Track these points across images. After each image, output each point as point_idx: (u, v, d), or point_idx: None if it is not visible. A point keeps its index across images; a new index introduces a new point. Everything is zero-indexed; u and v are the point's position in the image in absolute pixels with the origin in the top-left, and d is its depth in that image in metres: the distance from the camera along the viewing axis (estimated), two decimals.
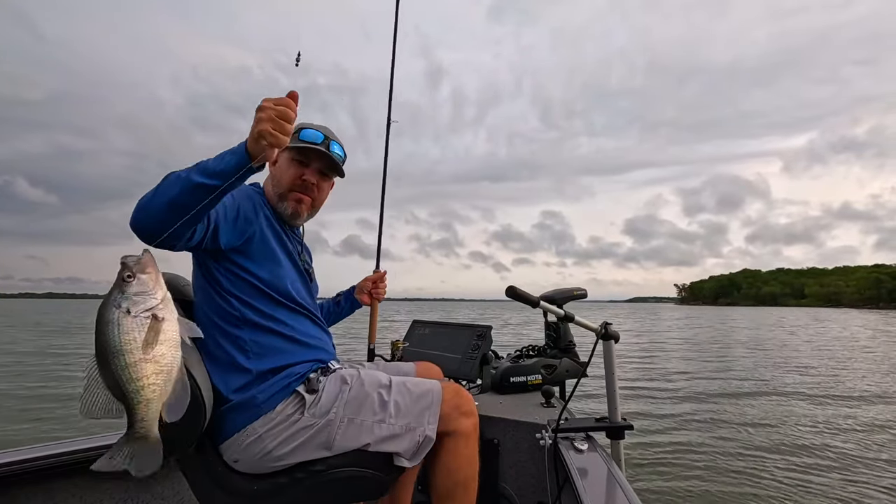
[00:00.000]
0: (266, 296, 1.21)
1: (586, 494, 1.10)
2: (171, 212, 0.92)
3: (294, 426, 1.11)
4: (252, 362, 1.15)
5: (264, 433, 1.10)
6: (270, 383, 1.14)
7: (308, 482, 1.10)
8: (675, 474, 3.75)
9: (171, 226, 0.93)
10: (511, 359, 2.15)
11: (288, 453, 1.10)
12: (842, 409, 6.07)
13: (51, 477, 1.39)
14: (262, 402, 1.12)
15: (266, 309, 1.21)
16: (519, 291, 1.50)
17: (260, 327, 1.19)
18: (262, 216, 1.25)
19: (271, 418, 1.11)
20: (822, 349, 14.14)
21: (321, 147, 1.31)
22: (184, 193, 0.91)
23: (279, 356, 1.18)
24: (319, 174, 1.34)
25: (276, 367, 1.16)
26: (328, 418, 1.12)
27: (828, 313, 70.06)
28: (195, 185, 0.91)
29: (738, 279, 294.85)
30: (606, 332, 1.45)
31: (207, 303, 1.19)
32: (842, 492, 3.43)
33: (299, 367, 1.19)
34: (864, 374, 9.08)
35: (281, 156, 1.32)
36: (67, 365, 9.82)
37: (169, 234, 0.94)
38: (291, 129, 0.94)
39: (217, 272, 1.18)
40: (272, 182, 1.35)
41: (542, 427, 1.50)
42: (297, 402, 1.14)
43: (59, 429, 5.05)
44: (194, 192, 0.91)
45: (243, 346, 1.16)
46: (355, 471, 1.12)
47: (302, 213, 1.34)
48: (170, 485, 1.62)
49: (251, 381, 1.14)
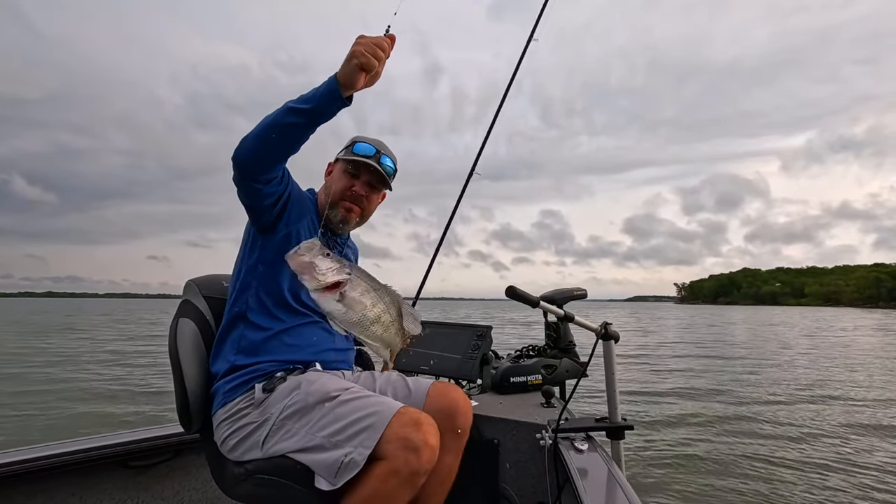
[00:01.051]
0: (276, 292, 1.28)
1: (586, 495, 1.10)
2: (265, 136, 1.09)
3: (241, 421, 1.15)
4: (235, 355, 1.24)
5: (222, 421, 1.18)
6: (236, 376, 1.21)
7: (250, 480, 1.11)
8: (676, 474, 3.75)
9: (264, 151, 1.12)
10: (511, 359, 2.15)
11: (234, 445, 1.15)
12: (844, 410, 6.07)
13: (50, 477, 1.39)
14: (225, 391, 1.20)
15: (270, 306, 1.27)
16: (519, 291, 1.50)
17: (257, 327, 1.26)
18: (306, 220, 1.34)
19: (228, 409, 1.18)
20: (823, 349, 14.15)
21: (372, 161, 1.35)
22: (277, 118, 1.07)
23: (257, 353, 1.24)
24: (369, 186, 1.39)
25: (248, 364, 1.22)
26: (265, 418, 1.13)
27: (828, 312, 70.08)
28: (288, 109, 1.07)
29: (738, 278, 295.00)
30: (606, 332, 1.44)
31: (239, 297, 1.30)
32: (842, 491, 3.44)
33: (267, 366, 1.22)
34: (869, 374, 9.09)
35: (335, 167, 1.41)
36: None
37: (260, 160, 1.13)
38: (383, 59, 1.04)
39: (255, 254, 1.29)
40: (325, 191, 1.42)
41: (543, 427, 1.50)
42: (250, 398, 1.17)
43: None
44: (286, 115, 1.07)
45: (237, 341, 1.25)
46: (277, 480, 1.07)
47: (351, 221, 1.41)
48: (170, 484, 1.63)
49: (226, 371, 1.22)
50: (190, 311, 1.35)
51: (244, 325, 1.26)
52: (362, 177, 1.38)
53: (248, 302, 1.27)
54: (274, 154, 1.14)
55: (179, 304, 1.36)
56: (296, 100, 1.08)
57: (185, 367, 1.25)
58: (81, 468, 1.44)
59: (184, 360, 1.26)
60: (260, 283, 1.28)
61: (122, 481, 1.53)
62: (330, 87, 1.05)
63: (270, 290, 1.28)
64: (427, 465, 1.00)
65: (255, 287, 1.28)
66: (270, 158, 1.16)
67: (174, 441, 1.60)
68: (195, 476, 1.67)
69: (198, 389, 1.26)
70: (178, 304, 1.37)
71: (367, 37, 1.03)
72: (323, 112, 1.07)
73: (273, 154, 1.14)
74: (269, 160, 1.16)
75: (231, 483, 1.15)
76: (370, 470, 0.98)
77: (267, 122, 1.09)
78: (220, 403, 1.20)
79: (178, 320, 1.31)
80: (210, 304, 1.37)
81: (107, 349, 12.89)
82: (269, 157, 1.15)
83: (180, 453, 1.64)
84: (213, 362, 1.29)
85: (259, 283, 1.28)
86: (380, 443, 0.99)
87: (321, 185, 1.47)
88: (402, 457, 0.98)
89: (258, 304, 1.27)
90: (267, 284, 1.28)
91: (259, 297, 1.27)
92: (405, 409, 1.05)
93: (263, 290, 1.28)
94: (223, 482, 1.20)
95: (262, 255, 1.29)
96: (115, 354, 11.67)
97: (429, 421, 1.04)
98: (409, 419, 1.02)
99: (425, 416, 1.05)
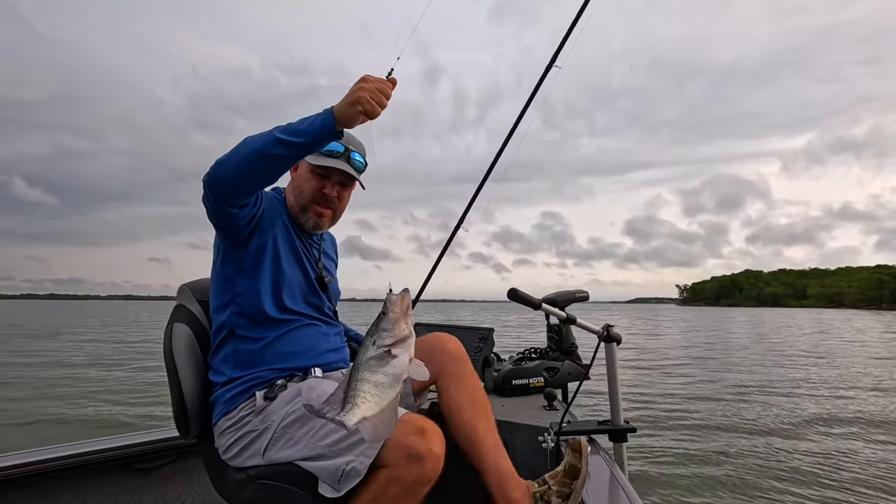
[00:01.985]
0: (258, 304, 1.23)
1: (589, 497, 1.10)
2: (248, 164, 1.02)
3: (243, 428, 1.14)
4: (233, 369, 1.22)
5: (225, 430, 1.17)
6: (236, 384, 1.20)
7: (252, 485, 1.11)
8: (679, 477, 3.74)
9: (244, 179, 1.05)
10: (513, 361, 2.15)
11: (237, 453, 1.14)
12: (847, 410, 6.05)
13: (55, 479, 1.40)
14: (226, 400, 1.19)
15: (255, 318, 1.24)
16: (521, 294, 1.50)
17: (249, 339, 1.24)
18: (279, 224, 1.29)
19: (231, 417, 1.17)
20: (825, 350, 14.10)
21: (341, 160, 1.31)
22: (264, 147, 1.00)
23: (254, 364, 1.22)
24: (340, 185, 1.36)
25: (247, 374, 1.21)
26: (265, 426, 1.11)
27: (832, 314, 69.85)
28: (276, 140, 1.00)
29: (740, 280, 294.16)
30: (608, 334, 1.44)
31: (220, 312, 1.27)
32: (844, 491, 3.42)
33: (267, 373, 1.21)
34: (871, 377, 9.06)
35: (302, 165, 1.33)
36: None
37: (239, 187, 1.08)
38: (386, 104, 1.01)
39: (229, 267, 1.25)
40: (294, 192, 1.36)
41: (545, 430, 1.50)
42: (251, 406, 1.16)
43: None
44: (274, 146, 1.00)
45: (232, 355, 1.24)
46: (280, 485, 1.08)
47: (323, 225, 1.37)
48: (173, 487, 1.63)
49: (225, 381, 1.22)
50: (184, 315, 1.34)
51: (235, 341, 1.24)
52: (333, 177, 1.33)
53: (231, 318, 1.24)
54: (255, 182, 1.09)
55: (173, 308, 1.36)
56: (285, 129, 1.01)
57: (181, 372, 1.25)
58: (85, 470, 1.44)
59: (180, 365, 1.25)
60: (240, 297, 1.24)
61: (126, 483, 1.53)
62: (326, 123, 1.00)
63: (252, 302, 1.23)
64: (431, 473, 0.98)
65: (236, 301, 1.24)
66: (250, 186, 1.11)
67: (177, 444, 1.60)
68: (198, 479, 1.67)
69: (194, 395, 1.25)
70: (172, 308, 1.36)
71: (371, 80, 1.00)
72: (314, 147, 1.04)
73: (254, 182, 1.09)
74: (249, 188, 1.12)
75: (233, 488, 1.14)
76: (373, 477, 0.98)
77: (250, 150, 1.02)
78: (221, 412, 1.19)
79: (173, 325, 1.30)
80: (204, 308, 1.36)
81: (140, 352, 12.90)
82: (249, 185, 1.10)
83: (183, 456, 1.64)
84: (210, 374, 1.27)
85: (239, 296, 1.24)
86: (382, 451, 0.97)
87: (288, 182, 1.41)
88: (405, 465, 0.96)
89: (243, 319, 1.23)
90: (248, 297, 1.23)
91: (242, 310, 1.23)
92: (408, 417, 1.03)
93: (245, 304, 1.23)
94: (224, 487, 1.19)
95: (237, 267, 1.24)
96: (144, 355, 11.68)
97: (433, 429, 1.02)
98: (412, 427, 1.00)
99: (430, 423, 1.04)
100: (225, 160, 1.04)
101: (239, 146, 1.04)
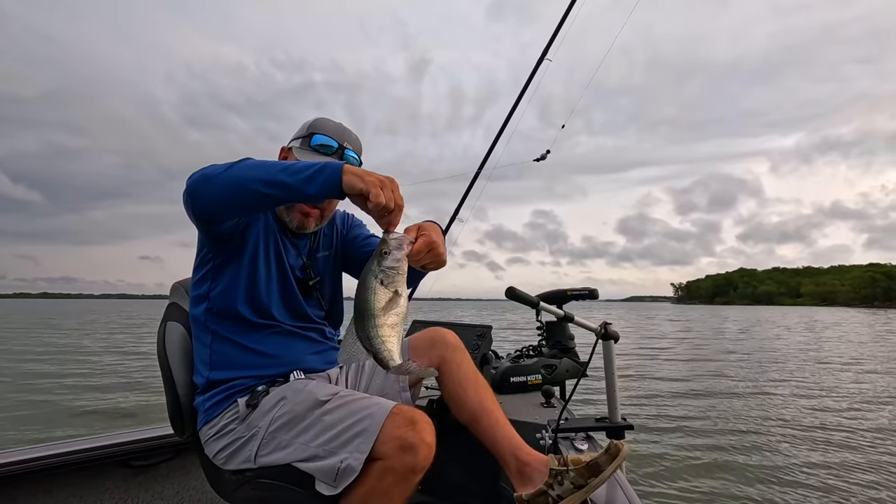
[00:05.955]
0: (233, 300, 1.20)
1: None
2: (238, 191, 0.96)
3: (229, 436, 1.13)
4: (210, 371, 1.20)
5: (209, 438, 1.17)
6: (216, 392, 1.18)
7: (249, 484, 1.11)
8: (676, 474, 3.76)
9: (230, 203, 0.99)
10: (511, 359, 2.15)
11: (227, 459, 1.13)
12: (846, 408, 6.10)
13: (52, 476, 1.39)
14: (206, 409, 1.18)
15: (230, 314, 1.21)
16: (518, 292, 1.51)
17: (224, 339, 1.21)
18: (261, 224, 1.24)
19: (214, 425, 1.16)
20: (823, 349, 14.21)
21: (334, 157, 1.25)
22: (260, 181, 0.95)
23: (233, 368, 1.20)
24: None
25: (226, 379, 1.18)
26: (253, 432, 1.10)
27: (826, 312, 70.37)
28: (277, 181, 0.94)
29: (735, 278, 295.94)
30: (606, 332, 1.45)
31: (194, 305, 1.25)
32: (844, 491, 3.45)
33: (247, 381, 1.19)
34: (868, 374, 9.13)
35: (290, 158, 1.27)
36: None
37: (226, 210, 1.02)
38: (383, 204, 0.92)
39: (206, 260, 1.22)
40: None
41: (543, 427, 1.50)
42: (234, 412, 1.15)
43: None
44: (271, 187, 0.95)
45: (208, 355, 1.21)
46: (277, 484, 1.08)
47: (308, 226, 1.29)
48: (170, 484, 1.63)
49: (206, 386, 1.20)
50: (177, 314, 1.32)
51: (212, 338, 1.21)
52: None
53: (206, 313, 1.21)
54: (243, 211, 1.06)
55: (166, 307, 1.34)
56: (287, 173, 0.94)
57: (175, 371, 1.24)
58: (82, 467, 1.44)
59: (173, 364, 1.25)
60: (214, 293, 1.20)
61: (123, 481, 1.53)
62: (332, 186, 0.94)
63: (226, 299, 1.20)
64: (424, 462, 0.98)
65: (210, 297, 1.20)
66: (238, 213, 1.08)
67: (175, 441, 1.60)
68: (195, 476, 1.67)
69: (189, 394, 1.25)
70: (165, 307, 1.35)
71: (387, 181, 0.94)
72: (313, 198, 1.00)
73: (242, 211, 1.06)
74: (236, 214, 1.07)
75: (229, 487, 1.14)
76: (367, 470, 0.98)
77: (246, 177, 0.96)
78: (203, 420, 1.18)
79: (167, 324, 1.29)
80: None
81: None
82: (236, 212, 1.06)
83: (181, 453, 1.64)
84: (193, 373, 1.25)
85: (214, 292, 1.20)
86: (375, 444, 0.98)
87: None
88: (398, 456, 0.97)
89: (218, 315, 1.20)
90: (222, 294, 1.20)
91: (216, 306, 1.20)
92: (398, 409, 1.03)
93: (219, 300, 1.20)
94: (220, 486, 1.18)
95: (214, 262, 1.21)
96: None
97: (423, 419, 1.03)
98: (403, 419, 1.01)
99: (419, 413, 1.04)
100: (214, 176, 0.97)
101: (235, 167, 0.98)
